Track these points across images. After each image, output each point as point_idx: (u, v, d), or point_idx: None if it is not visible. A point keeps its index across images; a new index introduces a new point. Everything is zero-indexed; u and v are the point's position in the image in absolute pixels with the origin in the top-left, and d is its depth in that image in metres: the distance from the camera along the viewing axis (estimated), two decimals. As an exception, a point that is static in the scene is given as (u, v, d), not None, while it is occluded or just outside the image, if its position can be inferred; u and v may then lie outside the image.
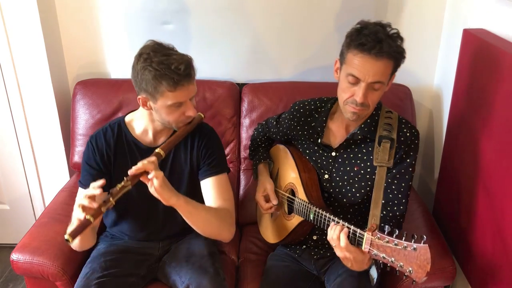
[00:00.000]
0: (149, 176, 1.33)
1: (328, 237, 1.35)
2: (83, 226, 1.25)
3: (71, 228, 1.27)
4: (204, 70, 2.13)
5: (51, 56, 2.05)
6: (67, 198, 1.91)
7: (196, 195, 1.55)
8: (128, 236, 1.66)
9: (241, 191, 2.04)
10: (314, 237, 1.64)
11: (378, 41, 1.31)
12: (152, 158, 1.36)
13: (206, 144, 1.58)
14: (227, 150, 2.02)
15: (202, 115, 1.55)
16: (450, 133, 1.84)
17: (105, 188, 1.49)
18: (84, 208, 1.27)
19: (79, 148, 2.03)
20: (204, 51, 2.11)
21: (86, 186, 1.48)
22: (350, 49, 1.36)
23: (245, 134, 2.02)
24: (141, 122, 1.56)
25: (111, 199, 1.30)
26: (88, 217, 1.25)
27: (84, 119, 2.01)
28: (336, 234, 1.31)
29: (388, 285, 1.59)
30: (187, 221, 1.46)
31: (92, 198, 1.29)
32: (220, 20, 2.06)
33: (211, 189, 1.56)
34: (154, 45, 1.41)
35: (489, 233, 1.49)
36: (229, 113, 2.02)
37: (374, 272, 1.37)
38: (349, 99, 1.40)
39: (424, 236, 1.17)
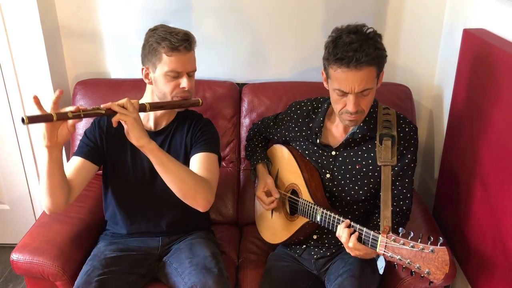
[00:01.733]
0: (122, 112, 1.33)
1: (337, 235, 1.39)
2: (44, 118, 1.25)
3: (35, 114, 1.26)
4: (204, 70, 2.13)
5: (51, 56, 2.05)
6: (67, 198, 1.91)
7: None
8: (127, 230, 1.67)
9: (241, 191, 2.04)
10: (314, 237, 1.64)
11: (354, 51, 1.30)
12: (133, 100, 1.37)
13: (201, 128, 1.62)
14: (227, 150, 2.02)
15: (200, 101, 1.55)
16: (450, 133, 1.84)
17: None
18: (53, 107, 1.28)
19: (79, 148, 2.03)
20: (204, 51, 2.10)
21: (78, 154, 1.56)
22: (330, 64, 1.36)
23: (245, 134, 2.02)
24: None
25: (81, 112, 1.30)
26: (52, 112, 1.25)
27: (84, 119, 2.00)
28: (345, 236, 1.35)
29: (388, 285, 1.59)
30: (160, 173, 1.42)
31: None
32: (220, 20, 2.06)
33: (197, 162, 1.55)
34: (163, 24, 1.56)
35: (489, 233, 1.49)
36: (229, 113, 2.02)
37: (381, 262, 1.37)
38: (343, 109, 1.41)
39: (441, 238, 1.19)
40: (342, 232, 1.37)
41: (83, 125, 2.02)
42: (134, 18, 2.07)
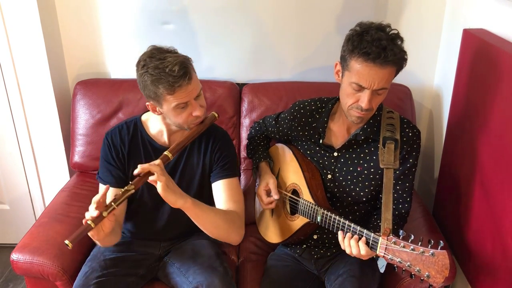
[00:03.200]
0: (151, 178, 1.33)
1: (343, 247, 1.36)
2: (84, 231, 1.28)
3: (74, 233, 1.28)
4: (204, 70, 2.14)
5: (51, 56, 2.05)
6: (67, 198, 1.91)
7: (204, 198, 1.56)
8: (131, 234, 1.67)
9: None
10: (315, 236, 1.64)
11: (382, 48, 1.30)
12: (157, 161, 1.36)
13: (220, 148, 1.58)
14: (227, 150, 2.02)
15: (216, 115, 1.53)
16: (450, 133, 1.84)
17: (125, 184, 1.49)
18: (87, 214, 1.30)
19: (79, 148, 2.03)
20: (204, 51, 2.11)
21: (105, 182, 1.53)
22: (354, 56, 1.34)
23: (245, 134, 2.02)
24: (156, 123, 1.56)
25: (113, 203, 1.31)
26: (89, 222, 1.27)
27: (84, 119, 2.01)
28: (354, 245, 1.33)
29: (388, 285, 1.59)
30: (195, 222, 1.46)
31: (97, 204, 1.30)
32: (220, 20, 2.06)
33: (222, 191, 1.56)
34: (151, 51, 1.41)
35: (488, 233, 1.49)
36: (229, 113, 2.02)
37: (382, 260, 1.37)
38: (354, 104, 1.40)
39: (441, 242, 1.18)
40: (347, 242, 1.34)
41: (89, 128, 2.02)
42: (134, 18, 2.07)
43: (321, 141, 1.58)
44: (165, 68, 1.35)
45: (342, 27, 2.06)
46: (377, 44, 1.30)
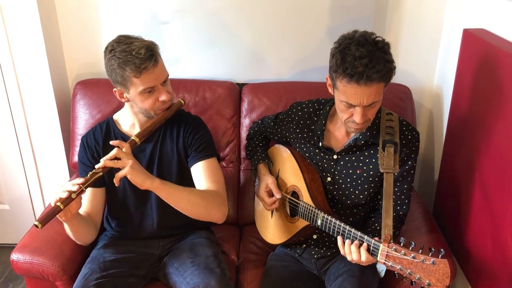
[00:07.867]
0: (117, 165, 1.34)
1: (343, 253, 1.37)
2: (53, 212, 1.29)
3: (43, 215, 1.30)
4: (204, 70, 2.14)
5: (51, 56, 2.05)
6: (67, 198, 1.91)
7: (186, 185, 1.55)
8: (127, 236, 1.67)
9: (241, 191, 2.04)
10: (314, 236, 1.64)
11: (364, 66, 1.26)
12: (124, 144, 1.38)
13: (192, 131, 1.59)
14: (227, 150, 2.02)
15: (183, 101, 1.56)
16: (450, 133, 1.84)
17: (97, 184, 1.53)
18: (55, 196, 1.31)
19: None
20: (204, 51, 2.11)
21: None
22: (338, 77, 1.32)
23: (245, 134, 2.02)
24: (127, 118, 1.59)
25: (81, 185, 1.32)
26: (58, 203, 1.29)
27: (84, 119, 2.01)
28: (355, 251, 1.33)
29: (388, 285, 1.59)
30: (170, 204, 1.44)
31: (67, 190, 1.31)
32: (220, 20, 2.06)
33: (200, 173, 1.55)
34: (118, 37, 1.46)
35: (488, 233, 1.49)
36: (229, 113, 2.02)
37: (381, 265, 1.37)
38: (349, 119, 1.40)
39: (442, 250, 1.19)
40: (348, 249, 1.35)
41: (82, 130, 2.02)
42: (134, 18, 2.07)
43: (320, 143, 1.57)
44: (132, 51, 1.38)
45: (343, 26, 2.05)
46: (358, 64, 1.27)
